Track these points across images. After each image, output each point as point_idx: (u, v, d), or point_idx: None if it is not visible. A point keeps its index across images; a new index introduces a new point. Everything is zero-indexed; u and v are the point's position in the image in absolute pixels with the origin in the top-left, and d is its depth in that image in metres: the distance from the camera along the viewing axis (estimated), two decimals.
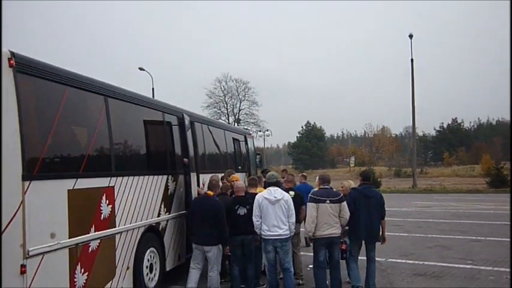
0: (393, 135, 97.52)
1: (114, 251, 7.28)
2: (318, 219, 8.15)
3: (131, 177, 7.84)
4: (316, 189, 8.90)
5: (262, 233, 8.12)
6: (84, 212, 6.55)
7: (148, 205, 8.43)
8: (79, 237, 6.36)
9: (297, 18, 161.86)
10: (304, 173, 14.06)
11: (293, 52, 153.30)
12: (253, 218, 8.19)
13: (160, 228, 8.89)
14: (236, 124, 69.87)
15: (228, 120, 70.86)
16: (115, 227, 7.29)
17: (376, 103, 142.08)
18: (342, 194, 8.52)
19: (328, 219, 8.14)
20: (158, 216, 8.82)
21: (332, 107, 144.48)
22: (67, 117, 6.51)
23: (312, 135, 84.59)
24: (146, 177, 8.37)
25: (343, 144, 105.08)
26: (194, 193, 9.56)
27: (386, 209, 8.88)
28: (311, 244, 8.64)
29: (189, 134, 9.99)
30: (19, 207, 5.36)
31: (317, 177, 9.15)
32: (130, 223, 7.76)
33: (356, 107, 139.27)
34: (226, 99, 72.99)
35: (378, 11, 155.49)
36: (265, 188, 8.95)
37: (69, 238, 6.16)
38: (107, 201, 7.08)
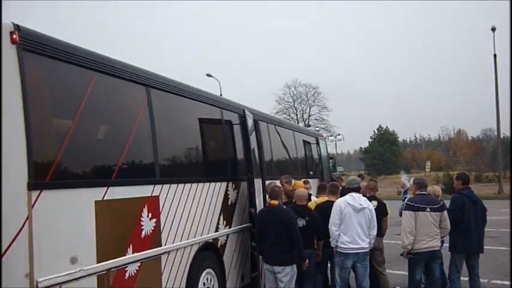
0: (470, 138, 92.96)
1: (159, 276, 5.92)
2: (417, 230, 6.93)
3: (181, 185, 6.50)
4: (410, 195, 7.42)
5: (341, 245, 7.03)
6: (118, 229, 5.23)
7: (204, 218, 7.06)
8: (111, 260, 5.02)
9: (366, 20, 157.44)
10: (361, 173, 12.61)
11: (362, 55, 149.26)
12: (331, 226, 7.08)
13: (219, 245, 7.49)
14: None
15: None
16: (160, 245, 5.94)
17: (451, 105, 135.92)
18: (443, 202, 7.24)
19: (429, 230, 6.99)
20: (216, 230, 7.43)
21: (403, 111, 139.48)
22: (94, 110, 5.20)
23: (384, 140, 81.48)
24: (200, 184, 7.02)
25: (416, 149, 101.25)
26: (260, 203, 8.12)
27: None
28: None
29: (252, 133, 8.55)
30: (23, 225, 4.07)
31: (411, 181, 7.61)
32: (181, 240, 6.40)
33: (429, 110, 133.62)
34: (295, 105, 71.60)
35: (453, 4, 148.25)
36: (341, 195, 7.74)
37: (98, 263, 4.84)
38: (150, 215, 5.74)
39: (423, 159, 79.40)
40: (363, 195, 8.27)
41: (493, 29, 36.73)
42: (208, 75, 42.56)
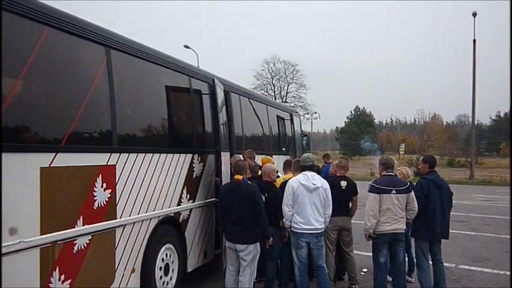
0: (445, 123, 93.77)
1: (113, 250, 5.57)
2: (382, 212, 6.67)
3: (141, 155, 6.10)
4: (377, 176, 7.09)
5: (295, 225, 6.75)
6: (67, 199, 4.82)
7: (165, 191, 6.68)
8: (57, 232, 4.63)
9: (344, 4, 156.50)
10: (327, 153, 12.49)
11: (342, 34, 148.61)
12: (284, 207, 6.79)
13: (180, 220, 7.13)
14: None
15: None
16: (115, 218, 5.56)
17: (428, 89, 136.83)
18: (409, 183, 6.96)
19: (394, 213, 6.71)
20: (178, 204, 7.06)
21: (381, 93, 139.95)
22: (43, 69, 4.72)
23: (360, 121, 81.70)
24: (163, 155, 6.62)
25: (392, 131, 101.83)
26: (226, 178, 7.77)
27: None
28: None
29: (222, 105, 8.14)
30: None
31: (377, 161, 7.25)
32: (139, 213, 6.03)
33: (406, 92, 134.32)
34: (273, 82, 71.19)
35: None
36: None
37: (41, 235, 4.44)
38: (104, 185, 5.35)
39: (398, 141, 79.92)
40: (333, 174, 8.04)
41: (474, 14, 36.54)
42: (186, 46, 41.79)
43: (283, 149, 13.14)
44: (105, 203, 5.35)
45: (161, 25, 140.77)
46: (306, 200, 6.66)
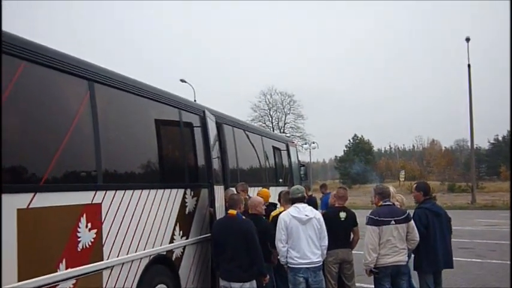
0: (443, 148, 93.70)
1: None
2: (382, 245, 6.35)
3: (129, 191, 5.83)
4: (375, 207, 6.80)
5: (290, 261, 6.44)
6: (48, 242, 4.53)
7: (156, 228, 6.40)
8: (37, 278, 4.32)
9: (341, 32, 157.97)
10: (324, 183, 12.16)
11: (338, 65, 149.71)
12: (278, 243, 6.51)
13: (173, 258, 6.82)
14: None
15: None
16: (101, 259, 5.26)
17: (425, 116, 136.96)
18: (408, 212, 6.64)
19: (395, 245, 6.39)
20: (171, 242, 6.76)
21: (378, 120, 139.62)
22: (18, 104, 4.49)
23: (359, 149, 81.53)
24: (153, 191, 6.36)
25: (391, 158, 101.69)
26: (221, 212, 7.49)
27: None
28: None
29: (212, 136, 7.91)
30: None
31: (372, 191, 6.98)
32: (128, 253, 5.73)
33: (404, 120, 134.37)
34: (271, 113, 70.96)
35: (426, 11, 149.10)
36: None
37: (20, 281, 4.14)
38: (89, 225, 5.07)
39: (397, 168, 79.71)
40: (332, 205, 7.78)
41: (467, 39, 36.73)
42: (182, 80, 41.87)
43: (280, 180, 12.89)
44: (90, 243, 5.06)
45: (157, 59, 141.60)
46: (300, 233, 6.39)
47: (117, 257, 5.52)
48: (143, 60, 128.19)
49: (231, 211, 6.41)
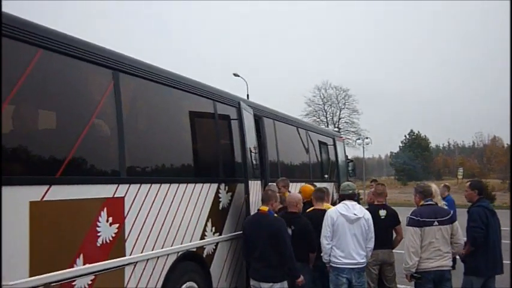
0: (506, 145, 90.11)
1: None
2: (424, 248, 5.89)
3: (156, 185, 5.62)
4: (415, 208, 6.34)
5: (334, 260, 6.16)
6: (64, 236, 4.37)
7: (185, 224, 6.17)
8: (51, 273, 4.16)
9: (397, 24, 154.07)
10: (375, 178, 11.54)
11: (395, 59, 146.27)
12: (323, 240, 6.21)
13: (204, 255, 6.58)
14: None
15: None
16: (124, 255, 5.06)
17: (486, 111, 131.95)
18: (452, 212, 6.19)
19: (438, 248, 5.93)
20: (202, 238, 6.52)
21: (437, 116, 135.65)
22: (35, 93, 4.35)
23: (415, 145, 79.58)
24: (182, 185, 6.13)
25: (449, 155, 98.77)
26: (255, 209, 7.21)
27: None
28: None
29: (249, 129, 7.61)
30: None
31: (415, 190, 6.51)
32: (153, 249, 5.52)
33: (464, 115, 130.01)
34: (325, 108, 69.89)
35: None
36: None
37: (31, 276, 3.98)
38: (110, 219, 4.88)
39: (456, 165, 77.33)
40: (371, 203, 7.39)
41: None
42: (236, 74, 41.71)
43: (326, 176, 12.47)
44: (111, 239, 4.87)
45: (208, 54, 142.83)
46: (347, 231, 6.07)
47: (141, 253, 5.31)
48: (199, 55, 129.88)
49: (262, 207, 6.12)
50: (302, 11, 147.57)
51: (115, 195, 4.98)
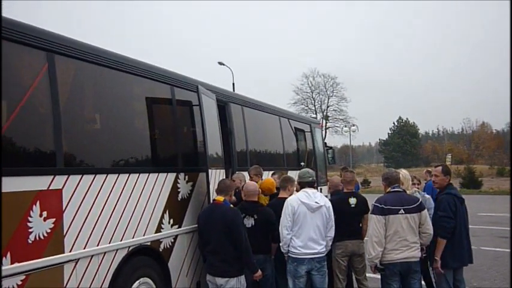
0: (494, 131, 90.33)
1: None
2: (389, 237, 5.55)
3: (101, 176, 5.23)
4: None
5: (293, 250, 5.86)
6: None
7: (137, 217, 5.78)
8: None
9: (384, 13, 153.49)
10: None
11: (383, 45, 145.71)
12: (282, 229, 5.90)
13: (161, 249, 6.21)
14: (325, 121, 66.77)
15: (316, 117, 67.88)
16: (62, 252, 4.68)
17: (475, 97, 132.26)
18: (420, 200, 5.81)
19: (405, 238, 5.61)
20: (158, 231, 6.14)
21: (426, 103, 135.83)
22: None
23: (404, 132, 79.67)
24: (133, 175, 5.74)
25: (438, 141, 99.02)
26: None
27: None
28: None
29: (210, 115, 7.21)
30: None
31: (381, 177, 6.18)
32: (98, 245, 5.14)
33: (453, 101, 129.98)
34: (313, 96, 69.88)
35: None
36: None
37: None
38: (44, 213, 4.49)
39: (445, 152, 77.48)
40: (340, 190, 7.07)
41: None
42: (220, 63, 41.28)
43: (302, 163, 12.10)
44: (45, 235, 4.48)
45: (194, 41, 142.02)
46: (308, 220, 5.77)
47: (84, 249, 4.94)
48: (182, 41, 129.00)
49: (218, 198, 5.74)
50: None
51: (50, 188, 4.58)
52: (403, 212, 5.54)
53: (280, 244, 5.95)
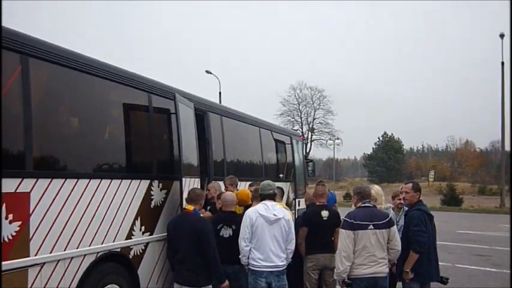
0: (478, 150, 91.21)
1: None
2: (358, 253, 5.53)
3: (71, 180, 5.22)
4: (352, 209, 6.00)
5: (252, 262, 5.89)
6: None
7: (107, 222, 5.76)
8: None
9: (373, 26, 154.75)
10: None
11: (370, 61, 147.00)
12: (241, 241, 5.94)
13: (131, 256, 6.19)
14: (310, 133, 66.98)
15: (302, 129, 68.09)
16: (27, 255, 4.65)
17: (460, 116, 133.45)
18: (390, 216, 5.85)
19: (373, 253, 5.58)
20: (129, 238, 6.13)
21: (411, 119, 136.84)
22: None
23: (388, 147, 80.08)
24: (105, 181, 5.74)
25: (422, 158, 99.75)
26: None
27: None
28: None
29: (187, 124, 7.23)
30: None
31: (353, 191, 6.19)
32: (65, 249, 5.11)
33: (438, 118, 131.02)
34: (300, 108, 70.02)
35: (459, 8, 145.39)
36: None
37: None
38: (10, 216, 4.47)
39: (428, 168, 78.05)
40: (311, 203, 7.10)
41: (502, 36, 35.05)
42: (208, 72, 41.38)
43: (281, 175, 12.15)
44: (10, 237, 4.46)
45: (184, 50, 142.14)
46: (266, 233, 5.80)
47: (50, 253, 4.91)
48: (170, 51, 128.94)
49: (188, 206, 5.77)
50: (281, 10, 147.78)
51: (17, 190, 4.57)
52: (372, 227, 5.54)
53: (240, 256, 5.97)
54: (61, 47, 5.38)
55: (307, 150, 64.66)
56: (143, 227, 6.41)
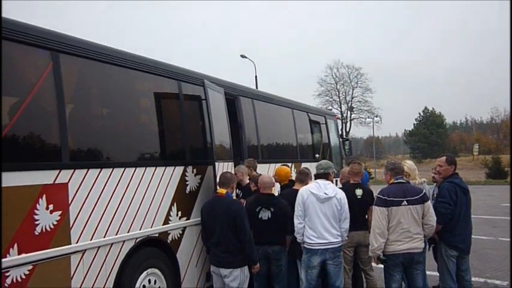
0: None
1: (67, 279, 4.86)
2: (392, 229, 5.54)
3: (107, 170, 5.42)
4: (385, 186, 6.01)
5: (307, 240, 5.94)
6: None
7: (144, 209, 5.95)
8: None
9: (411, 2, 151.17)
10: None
11: (408, 36, 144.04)
12: (295, 219, 6.03)
13: (169, 240, 6.38)
14: (349, 112, 66.45)
15: (341, 108, 67.60)
16: (69, 243, 4.87)
17: (503, 86, 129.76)
18: (424, 191, 5.77)
19: (406, 229, 5.57)
20: (165, 223, 6.31)
21: (454, 92, 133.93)
22: None
23: (430, 122, 78.53)
24: (140, 169, 5.92)
25: (466, 132, 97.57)
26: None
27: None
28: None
29: (218, 109, 7.35)
30: None
31: (385, 168, 6.18)
32: (104, 236, 5.32)
33: (482, 90, 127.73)
34: (338, 87, 69.48)
35: None
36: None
37: None
38: (51, 206, 4.68)
39: (472, 142, 76.31)
40: (347, 182, 7.14)
41: None
42: (243, 56, 41.35)
43: (317, 155, 12.15)
44: (52, 226, 4.68)
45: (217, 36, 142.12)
46: (317, 210, 5.87)
47: (91, 240, 5.13)
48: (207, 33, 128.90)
49: (220, 190, 5.89)
50: None
51: (56, 182, 4.77)
52: (406, 203, 5.54)
53: (295, 234, 6.06)
54: (90, 41, 5.56)
55: (347, 130, 64.24)
56: (180, 212, 6.58)
